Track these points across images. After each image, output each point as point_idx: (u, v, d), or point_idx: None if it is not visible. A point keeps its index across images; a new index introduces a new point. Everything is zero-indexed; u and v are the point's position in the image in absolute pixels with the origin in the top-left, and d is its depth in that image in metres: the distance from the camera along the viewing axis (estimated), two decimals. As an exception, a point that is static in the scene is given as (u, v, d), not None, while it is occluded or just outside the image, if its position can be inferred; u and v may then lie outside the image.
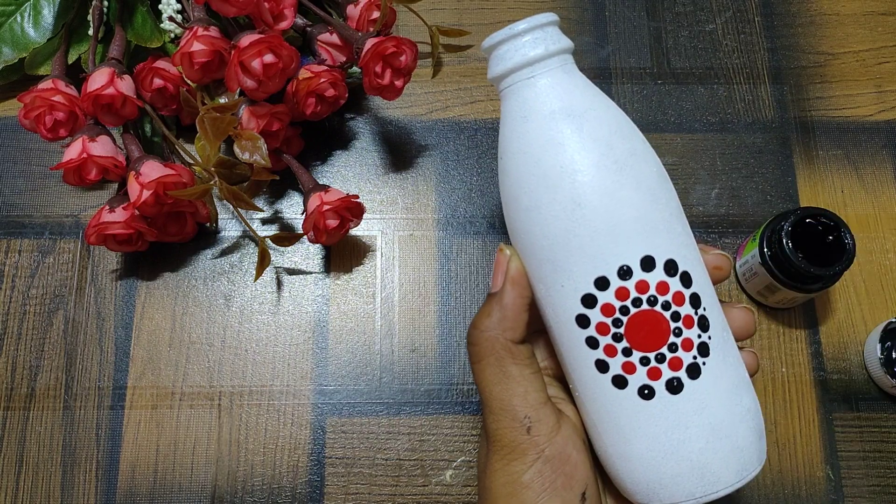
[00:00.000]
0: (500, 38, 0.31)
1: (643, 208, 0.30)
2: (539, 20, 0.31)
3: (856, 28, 0.57)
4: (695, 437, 0.30)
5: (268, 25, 0.44)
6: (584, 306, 0.30)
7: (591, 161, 0.30)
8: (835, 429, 0.47)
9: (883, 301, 0.50)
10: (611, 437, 0.31)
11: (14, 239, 0.50)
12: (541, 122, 0.31)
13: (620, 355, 0.30)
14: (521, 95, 0.31)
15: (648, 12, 0.57)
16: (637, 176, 0.30)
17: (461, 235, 0.51)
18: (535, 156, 0.30)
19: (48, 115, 0.44)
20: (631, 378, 0.30)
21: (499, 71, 0.32)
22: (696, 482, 0.30)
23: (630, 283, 0.30)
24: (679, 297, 0.30)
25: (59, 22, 0.49)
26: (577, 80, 0.32)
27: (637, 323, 0.30)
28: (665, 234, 0.31)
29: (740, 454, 0.31)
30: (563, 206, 0.30)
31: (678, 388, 0.30)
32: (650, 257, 0.30)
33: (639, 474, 0.31)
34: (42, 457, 0.46)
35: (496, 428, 0.31)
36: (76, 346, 0.48)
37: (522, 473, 0.31)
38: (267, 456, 0.46)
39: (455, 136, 0.53)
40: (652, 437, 0.30)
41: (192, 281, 0.49)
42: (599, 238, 0.30)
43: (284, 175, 0.48)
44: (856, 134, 0.54)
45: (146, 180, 0.43)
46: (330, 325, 0.49)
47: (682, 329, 0.30)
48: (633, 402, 0.30)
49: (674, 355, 0.30)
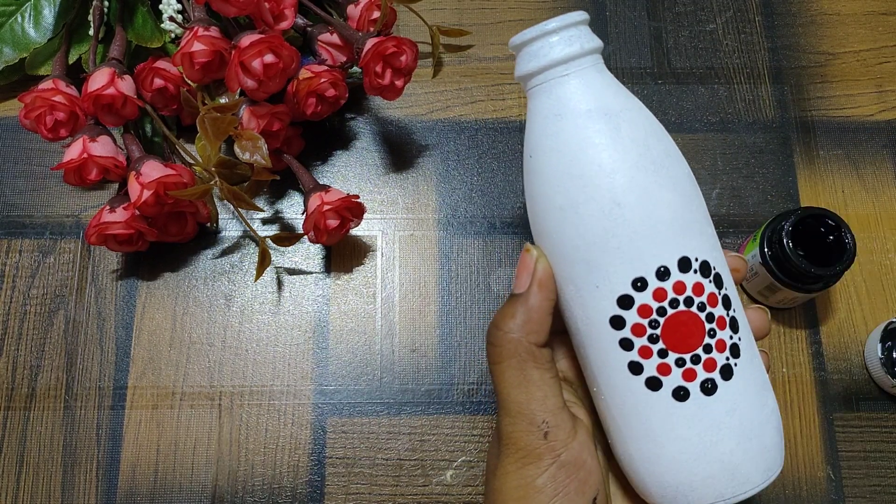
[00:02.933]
0: (533, 34, 0.31)
1: (679, 209, 0.30)
2: (573, 18, 0.31)
3: (856, 28, 0.57)
4: (727, 438, 0.30)
5: (268, 25, 0.44)
6: (619, 307, 0.30)
7: (630, 161, 0.29)
8: (835, 429, 0.47)
9: (883, 301, 0.50)
10: (640, 441, 0.31)
11: (15, 239, 0.50)
12: (576, 120, 0.30)
13: (656, 357, 0.30)
14: (555, 93, 0.31)
15: (649, 12, 0.57)
16: (672, 177, 0.30)
17: (461, 235, 0.51)
18: (572, 154, 0.30)
19: (49, 116, 0.44)
20: (666, 380, 0.30)
21: (531, 68, 0.31)
22: (726, 483, 0.30)
23: (668, 283, 0.29)
24: (713, 299, 0.30)
25: (60, 22, 0.49)
26: (609, 80, 0.31)
27: (674, 324, 0.30)
28: (699, 235, 0.31)
29: (767, 454, 0.31)
30: (601, 206, 0.29)
31: (712, 390, 0.30)
32: (686, 258, 0.30)
33: (669, 477, 0.31)
34: (43, 457, 0.46)
35: (512, 431, 0.31)
36: (77, 346, 0.48)
37: (536, 478, 0.30)
38: (267, 456, 0.46)
39: (455, 136, 0.53)
40: (684, 438, 0.30)
41: (193, 281, 0.49)
42: (638, 238, 0.29)
43: (285, 175, 0.48)
44: (856, 134, 0.54)
45: (147, 180, 0.43)
46: (330, 325, 0.49)
47: (716, 330, 0.30)
48: (666, 403, 0.30)
49: (708, 356, 0.30)
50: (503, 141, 0.53)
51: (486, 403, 0.47)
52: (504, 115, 0.54)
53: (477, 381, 0.48)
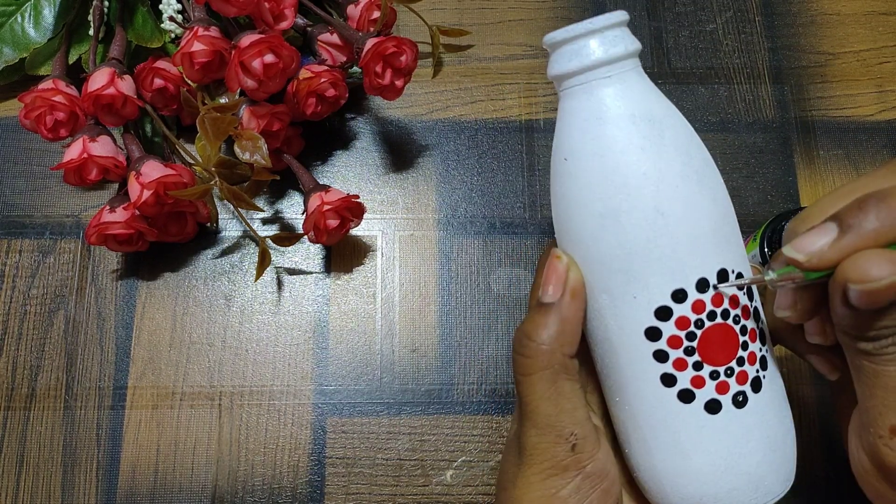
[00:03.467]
0: (577, 32, 0.29)
1: (718, 220, 0.29)
2: (617, 17, 0.29)
3: (857, 28, 0.57)
4: (755, 450, 0.30)
5: (268, 25, 0.44)
6: (657, 319, 0.29)
7: (675, 170, 0.29)
8: (835, 428, 0.47)
9: (884, 301, 0.50)
10: (667, 453, 0.30)
11: (14, 239, 0.50)
12: (620, 124, 0.29)
13: (691, 369, 0.29)
14: (596, 95, 0.29)
15: (649, 12, 0.57)
16: (712, 187, 0.30)
17: (462, 235, 0.51)
18: (614, 160, 0.29)
19: (49, 116, 0.44)
20: (699, 392, 0.30)
21: (571, 67, 0.29)
22: (750, 494, 0.30)
23: (707, 295, 0.29)
24: (746, 311, 0.30)
25: (60, 22, 0.49)
26: (650, 85, 0.30)
27: (710, 337, 0.29)
28: (735, 246, 0.30)
29: (788, 464, 0.31)
30: (645, 215, 0.28)
31: (743, 403, 0.30)
32: (724, 270, 0.29)
33: (693, 489, 0.30)
34: (42, 457, 0.46)
35: (538, 442, 0.30)
36: (77, 346, 0.48)
37: (561, 489, 0.30)
38: (267, 456, 0.46)
39: (455, 136, 0.53)
40: (714, 452, 0.30)
41: (193, 281, 0.49)
42: (680, 249, 0.29)
43: (285, 175, 0.48)
44: (857, 134, 0.54)
45: (147, 180, 0.43)
46: (330, 325, 0.49)
47: (749, 343, 0.30)
48: (698, 416, 0.30)
49: (741, 369, 0.30)
50: (503, 141, 0.53)
51: (486, 403, 0.47)
52: (504, 115, 0.54)
53: (477, 381, 0.48)
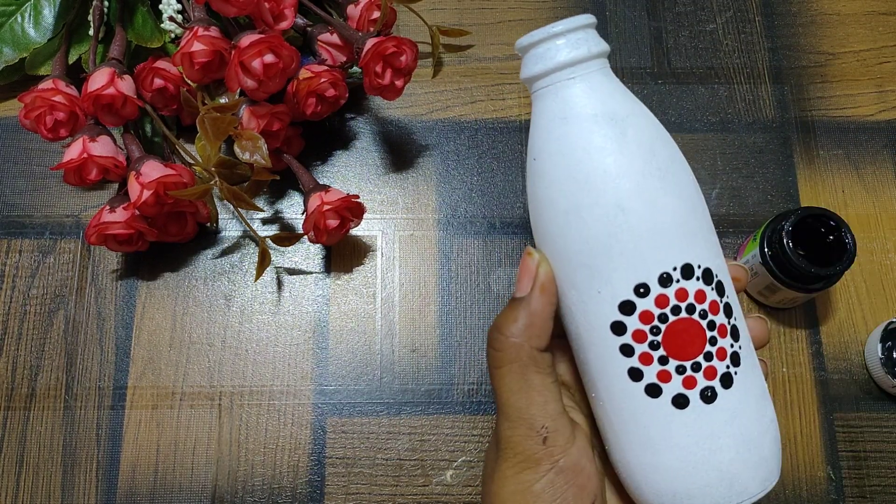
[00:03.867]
0: (540, 37, 0.30)
1: (683, 216, 0.30)
2: (581, 21, 0.30)
3: (856, 28, 0.57)
4: (726, 447, 0.30)
5: (268, 25, 0.44)
6: (621, 313, 0.30)
7: (636, 167, 0.29)
8: (836, 429, 0.47)
9: (884, 301, 0.50)
10: (638, 447, 0.31)
11: (15, 239, 0.50)
12: (583, 124, 0.30)
13: (656, 363, 0.30)
14: (561, 96, 0.30)
15: (649, 12, 0.57)
16: (678, 183, 0.30)
17: (461, 235, 0.51)
18: (577, 158, 0.30)
19: (49, 116, 0.44)
20: (666, 387, 0.30)
21: (537, 70, 0.31)
22: (723, 492, 0.30)
23: (670, 290, 0.29)
24: (714, 306, 0.30)
25: (60, 22, 0.49)
26: (616, 85, 0.31)
27: (675, 331, 0.29)
28: (702, 242, 0.30)
29: (766, 464, 0.31)
30: (606, 211, 0.29)
31: (712, 398, 0.30)
32: (689, 265, 0.30)
33: (666, 485, 0.30)
34: (42, 457, 0.46)
35: (511, 436, 0.31)
36: (77, 346, 0.48)
37: (534, 483, 0.30)
38: (267, 456, 0.46)
39: (455, 136, 0.53)
40: (683, 447, 0.30)
41: (193, 281, 0.49)
42: (642, 244, 0.29)
43: (285, 175, 0.48)
44: (856, 134, 0.54)
45: (147, 180, 0.43)
46: (330, 325, 0.49)
47: (717, 338, 0.30)
48: (665, 411, 0.30)
49: (709, 364, 0.30)
50: (503, 141, 0.53)
51: (486, 403, 0.47)
52: (504, 115, 0.54)
53: (477, 381, 0.48)
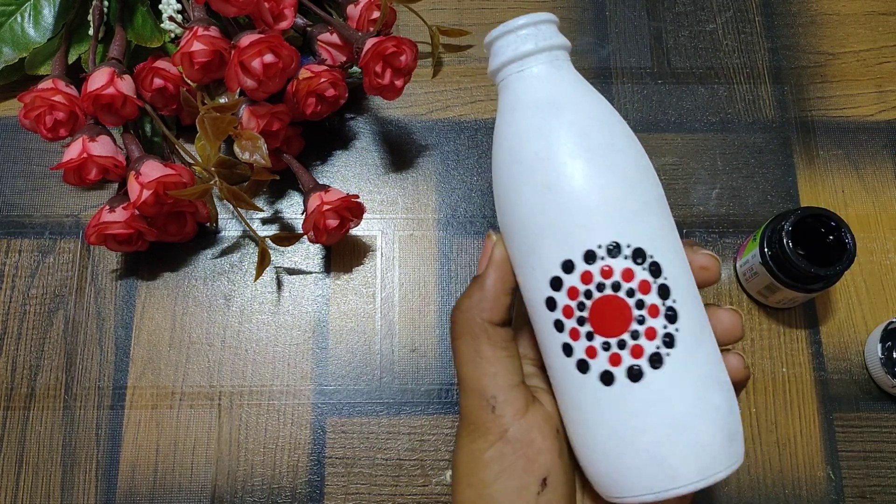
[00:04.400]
0: (497, 33, 0.33)
1: (614, 196, 0.31)
2: (534, 18, 0.32)
3: (856, 28, 0.57)
4: (652, 427, 0.30)
5: (268, 25, 0.44)
6: (552, 289, 0.31)
7: (565, 149, 0.31)
8: (835, 429, 0.47)
9: (883, 301, 0.50)
10: (575, 424, 0.32)
11: (14, 239, 0.50)
12: (525, 111, 0.32)
13: (584, 339, 0.31)
14: (512, 88, 0.32)
15: (649, 12, 0.57)
16: (611, 165, 0.31)
17: (461, 235, 0.51)
18: (517, 143, 0.32)
19: (48, 115, 0.44)
20: (593, 363, 0.31)
21: (494, 64, 0.33)
22: (653, 475, 0.30)
23: (594, 267, 0.30)
24: (645, 286, 0.31)
25: (60, 22, 0.49)
26: (564, 75, 0.33)
27: (600, 307, 0.30)
28: (636, 223, 0.31)
29: (702, 451, 0.30)
30: (535, 190, 0.31)
31: (638, 376, 0.30)
32: (617, 243, 0.30)
33: (601, 464, 0.31)
34: (42, 456, 0.46)
35: (465, 405, 0.32)
36: (76, 345, 0.48)
37: (484, 451, 0.31)
38: (267, 456, 0.46)
39: (455, 136, 0.53)
40: (611, 424, 0.31)
41: (193, 281, 0.49)
42: (566, 222, 0.30)
43: (284, 175, 0.48)
44: (856, 134, 0.54)
45: (146, 180, 0.43)
46: (330, 325, 0.49)
47: (646, 317, 0.30)
48: (594, 387, 0.31)
49: (635, 343, 0.30)
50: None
51: (486, 403, 0.47)
52: (504, 115, 0.53)
53: (477, 381, 0.48)
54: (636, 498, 0.31)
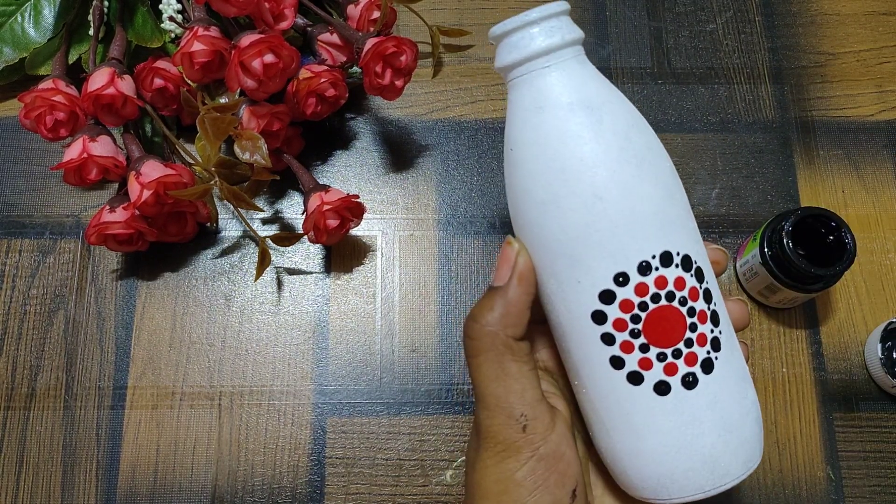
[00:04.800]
0: (514, 25, 0.30)
1: (661, 203, 0.30)
2: (553, 8, 0.30)
3: (856, 28, 0.57)
4: (707, 431, 0.30)
5: (268, 25, 0.44)
6: (601, 302, 0.30)
7: (612, 155, 0.29)
8: (835, 429, 0.47)
9: (883, 301, 0.50)
10: (622, 434, 0.31)
11: (14, 239, 0.50)
12: (558, 113, 0.30)
13: (637, 351, 0.30)
14: (536, 85, 0.30)
15: (649, 12, 0.57)
16: (654, 171, 0.30)
17: (461, 235, 0.51)
18: (553, 148, 0.29)
19: (49, 115, 0.44)
20: (647, 374, 0.30)
21: (511, 59, 0.30)
22: (706, 476, 0.30)
23: (649, 278, 0.29)
24: (694, 293, 0.30)
25: (60, 22, 0.49)
26: (591, 72, 0.31)
27: (655, 319, 0.30)
28: (681, 229, 0.31)
29: (747, 446, 0.31)
30: (583, 200, 0.29)
31: (693, 384, 0.30)
32: (668, 252, 0.30)
33: (650, 470, 0.31)
34: (42, 456, 0.46)
35: (490, 424, 0.31)
36: (76, 345, 0.48)
37: (516, 471, 0.30)
38: (267, 456, 0.46)
39: (455, 136, 0.53)
40: (665, 432, 0.30)
41: (193, 281, 0.49)
42: (620, 233, 0.29)
43: (285, 175, 0.48)
44: (856, 134, 0.54)
45: (146, 180, 0.43)
46: (330, 325, 0.49)
47: (697, 324, 0.30)
48: (648, 398, 0.30)
49: (689, 350, 0.30)
50: (503, 141, 0.53)
51: (486, 403, 0.47)
52: (504, 116, 0.53)
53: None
54: (687, 498, 0.31)
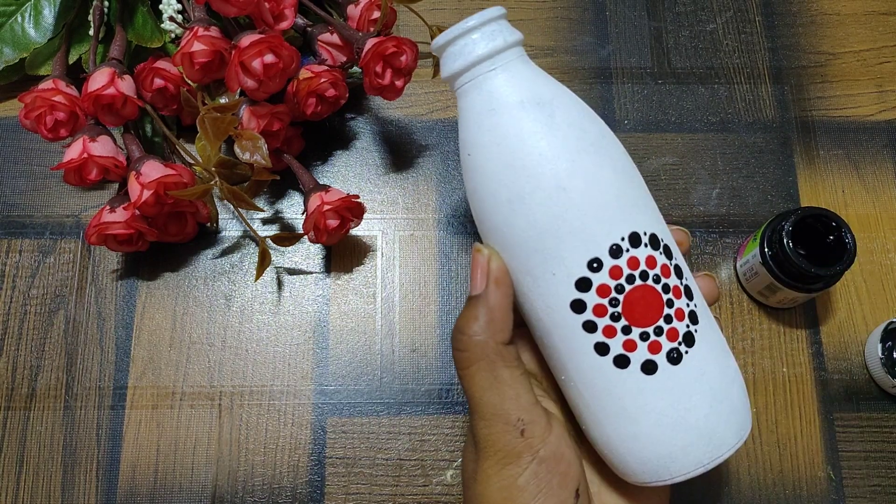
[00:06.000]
0: (456, 33, 0.31)
1: (622, 187, 0.31)
2: (492, 13, 0.31)
3: (856, 28, 0.57)
4: (699, 404, 0.31)
5: (268, 25, 0.44)
6: (578, 291, 0.30)
7: (570, 145, 0.30)
8: (836, 429, 0.47)
9: (884, 301, 0.50)
10: (616, 421, 0.31)
11: (15, 239, 0.50)
12: (511, 112, 0.30)
13: (620, 334, 0.30)
14: (485, 88, 0.31)
15: (649, 12, 0.57)
16: (611, 156, 0.31)
17: (461, 235, 0.51)
18: (511, 146, 0.30)
19: (49, 116, 0.44)
20: (633, 355, 0.30)
21: (457, 67, 0.31)
22: (703, 449, 0.31)
23: (622, 260, 0.30)
24: (666, 270, 0.31)
25: (60, 22, 0.49)
26: (536, 70, 0.32)
27: (633, 299, 0.30)
28: (644, 210, 0.31)
29: (737, 415, 0.32)
30: (549, 193, 0.30)
31: (678, 359, 0.31)
32: (636, 233, 0.30)
33: (648, 452, 0.31)
34: (43, 457, 0.46)
35: (488, 433, 0.31)
36: (77, 346, 0.48)
37: (518, 477, 0.30)
38: (267, 456, 0.46)
39: (455, 136, 0.53)
40: (659, 411, 0.31)
41: (193, 281, 0.49)
42: (588, 220, 0.30)
43: (285, 175, 0.48)
44: (856, 134, 0.54)
45: (147, 180, 0.43)
46: (330, 325, 0.49)
47: (674, 300, 0.31)
48: (636, 379, 0.31)
49: (670, 326, 0.31)
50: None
51: (487, 403, 0.47)
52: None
53: (477, 381, 0.48)
54: (687, 475, 0.31)
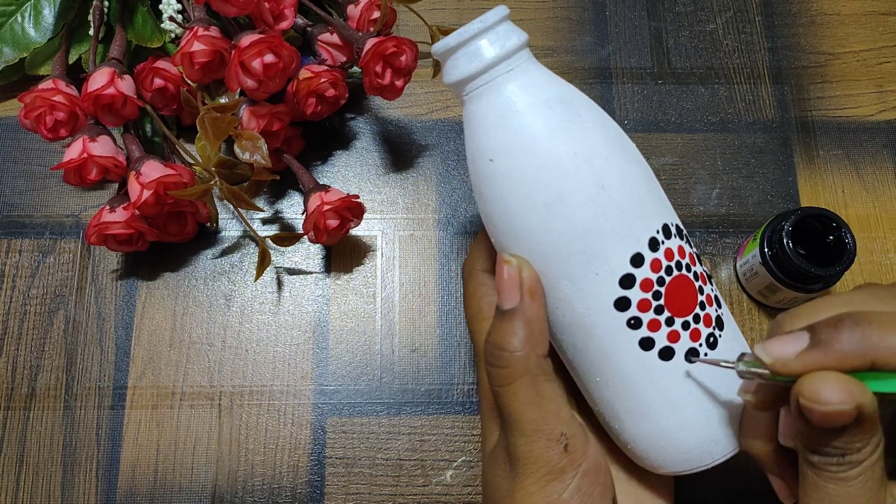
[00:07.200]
0: (468, 35, 0.30)
1: (648, 181, 0.31)
2: (500, 13, 0.30)
3: (857, 28, 0.57)
4: (735, 384, 0.30)
5: (268, 25, 0.44)
6: (622, 288, 0.30)
7: (600, 143, 0.30)
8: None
9: (884, 301, 0.50)
10: (660, 413, 0.31)
11: (14, 239, 0.50)
12: (539, 112, 0.29)
13: (664, 326, 0.30)
14: (504, 91, 0.30)
15: (649, 12, 0.57)
16: (633, 151, 0.31)
17: (461, 235, 0.51)
18: (543, 147, 0.29)
19: (49, 115, 0.44)
20: (676, 346, 0.31)
21: (471, 70, 0.30)
22: (737, 432, 0.32)
23: (660, 253, 0.30)
24: (693, 258, 0.32)
25: (60, 22, 0.49)
26: (547, 71, 0.31)
27: (674, 290, 0.30)
28: (666, 202, 0.32)
29: None
30: (589, 193, 0.29)
31: (715, 343, 0.31)
32: (666, 225, 0.31)
33: (694, 438, 0.31)
34: (42, 456, 0.46)
35: (530, 450, 0.30)
36: (76, 345, 0.48)
37: (562, 492, 0.29)
38: (267, 456, 0.46)
39: (455, 136, 0.53)
40: (702, 396, 0.31)
41: (193, 281, 0.49)
42: (627, 216, 0.30)
43: (285, 175, 0.48)
44: (856, 134, 0.54)
45: (146, 180, 0.43)
46: (330, 325, 0.49)
47: (703, 287, 0.32)
48: (681, 368, 0.31)
49: (705, 313, 0.31)
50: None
51: (486, 403, 0.47)
52: (504, 115, 0.53)
53: (477, 381, 0.48)
54: (730, 453, 0.31)
